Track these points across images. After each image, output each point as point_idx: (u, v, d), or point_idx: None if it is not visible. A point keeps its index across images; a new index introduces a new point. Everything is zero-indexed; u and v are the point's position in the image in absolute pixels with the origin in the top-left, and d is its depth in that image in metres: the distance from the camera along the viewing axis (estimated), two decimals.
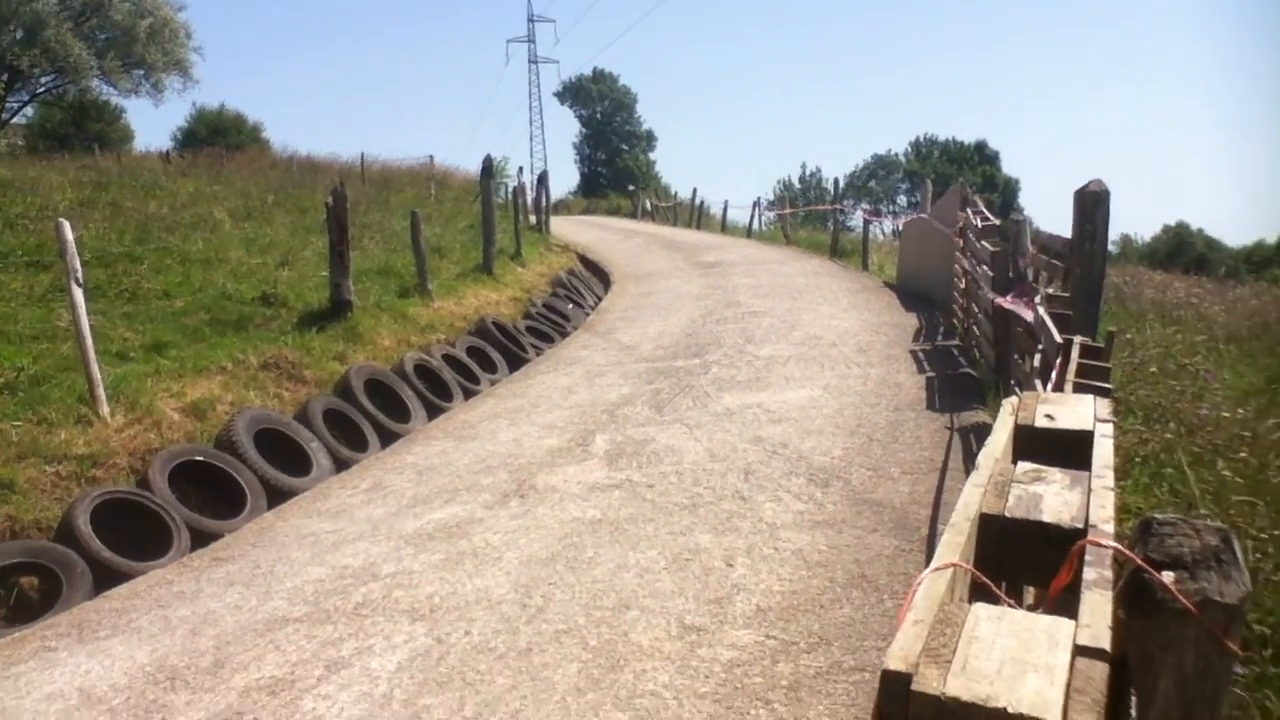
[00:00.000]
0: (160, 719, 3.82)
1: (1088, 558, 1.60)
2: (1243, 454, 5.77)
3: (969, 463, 6.44)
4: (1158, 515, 1.58)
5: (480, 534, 5.62)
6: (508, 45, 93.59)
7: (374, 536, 5.75)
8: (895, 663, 1.28)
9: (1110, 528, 1.75)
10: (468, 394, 10.06)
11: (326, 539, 5.81)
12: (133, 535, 6.16)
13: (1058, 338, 4.91)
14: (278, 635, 4.49)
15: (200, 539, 6.24)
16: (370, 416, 8.66)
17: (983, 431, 7.12)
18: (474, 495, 6.37)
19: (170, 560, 5.88)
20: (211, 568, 5.54)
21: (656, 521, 5.62)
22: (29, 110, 41.31)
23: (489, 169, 16.97)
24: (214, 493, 6.98)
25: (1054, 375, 4.23)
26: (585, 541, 5.38)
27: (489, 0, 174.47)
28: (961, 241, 10.82)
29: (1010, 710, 1.19)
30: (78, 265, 7.37)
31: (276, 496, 6.99)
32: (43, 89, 39.26)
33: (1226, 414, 6.67)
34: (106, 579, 5.60)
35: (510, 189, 25.50)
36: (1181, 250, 47.29)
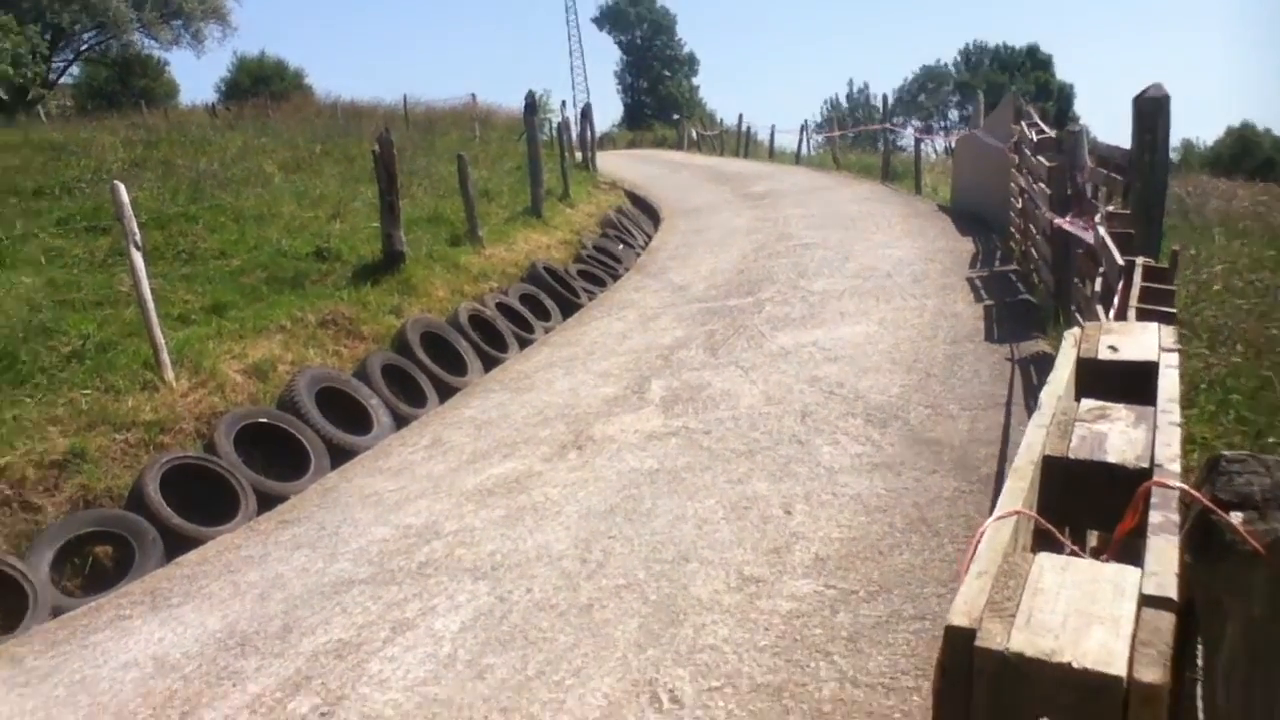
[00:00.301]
0: (232, 685, 3.94)
1: (1153, 500, 1.56)
2: None
3: (1029, 397, 6.35)
4: (1226, 453, 1.52)
5: (539, 488, 5.68)
6: None
7: (435, 494, 5.84)
8: (959, 618, 1.26)
9: (1176, 467, 1.70)
10: (522, 343, 10.10)
11: (389, 498, 5.91)
12: (201, 500, 6.32)
13: (1119, 260, 4.75)
14: (344, 598, 4.60)
15: (266, 502, 6.38)
16: (428, 371, 8.73)
17: (1043, 362, 7.01)
18: (532, 448, 6.43)
19: (238, 525, 6.03)
20: (278, 531, 5.67)
21: (714, 469, 5.63)
22: (75, 70, 41.81)
23: (532, 105, 16.81)
24: (278, 454, 7.11)
25: (1116, 301, 4.12)
26: (643, 493, 5.41)
27: None
28: (1017, 158, 10.55)
29: (1075, 665, 1.17)
30: (135, 228, 7.45)
31: (339, 456, 7.11)
32: (86, 46, 39.67)
33: None
34: (177, 545, 5.77)
35: (554, 125, 25.32)
36: (1248, 153, 45.71)
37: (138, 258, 7.41)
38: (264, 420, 7.16)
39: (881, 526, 4.68)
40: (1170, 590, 1.30)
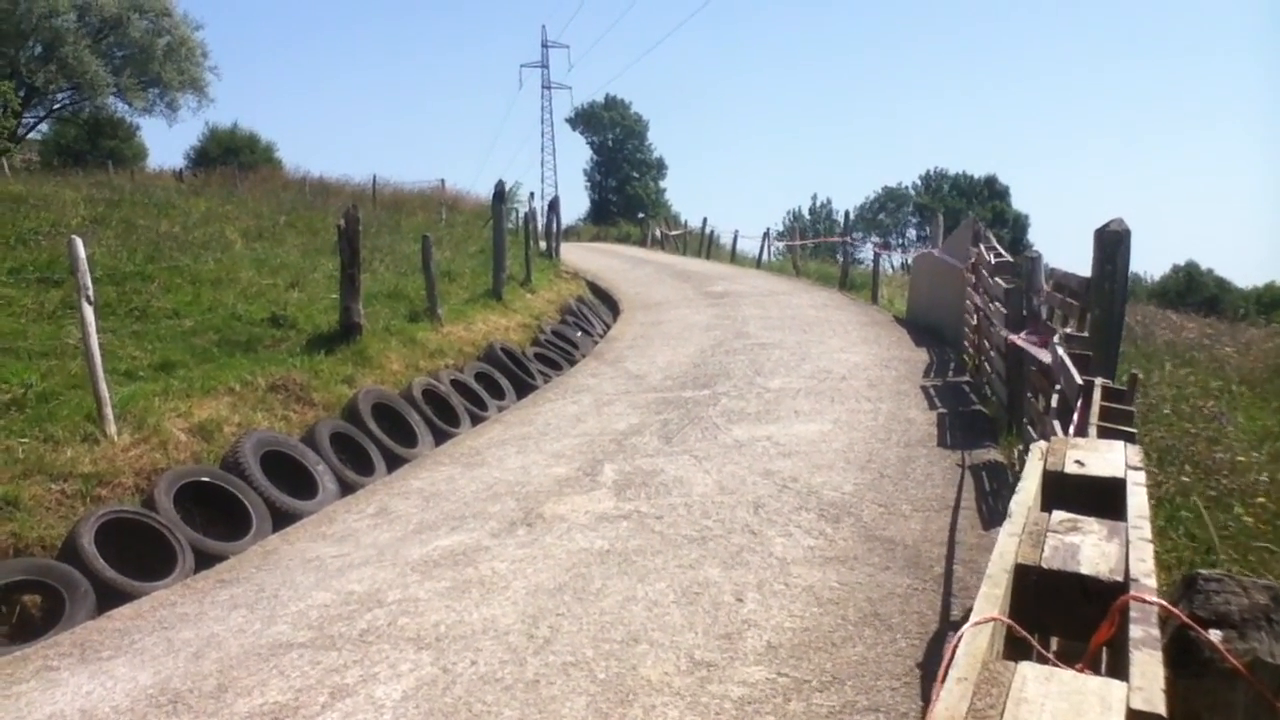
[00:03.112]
0: None
1: (1132, 614, 1.55)
2: (1260, 499, 5.71)
3: (981, 501, 6.39)
4: (1203, 571, 1.54)
5: (487, 562, 5.57)
6: (521, 70, 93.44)
7: (380, 562, 5.70)
8: None
9: (1152, 581, 1.70)
10: (475, 420, 10.01)
11: (332, 564, 5.76)
12: (137, 555, 6.12)
13: (1079, 379, 4.84)
14: (282, 660, 4.44)
15: (205, 560, 6.19)
16: (377, 441, 8.61)
17: (994, 470, 7.07)
18: (481, 523, 6.32)
19: (174, 581, 5.84)
20: (216, 590, 5.49)
21: (665, 554, 5.56)
22: (44, 126, 41.66)
23: (501, 194, 16.97)
24: (219, 514, 6.93)
25: (1075, 418, 4.17)
26: (593, 572, 5.32)
27: (503, 25, 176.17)
28: (974, 277, 10.78)
29: None
30: (89, 283, 7.35)
31: (282, 519, 6.94)
32: (59, 105, 39.61)
33: (1242, 458, 6.61)
34: (110, 599, 5.56)
35: (521, 215, 25.57)
36: (1192, 290, 47.30)
37: (89, 311, 7.29)
38: (206, 479, 6.98)
39: (834, 618, 4.63)
40: (1159, 706, 1.29)
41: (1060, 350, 5.79)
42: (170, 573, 6.01)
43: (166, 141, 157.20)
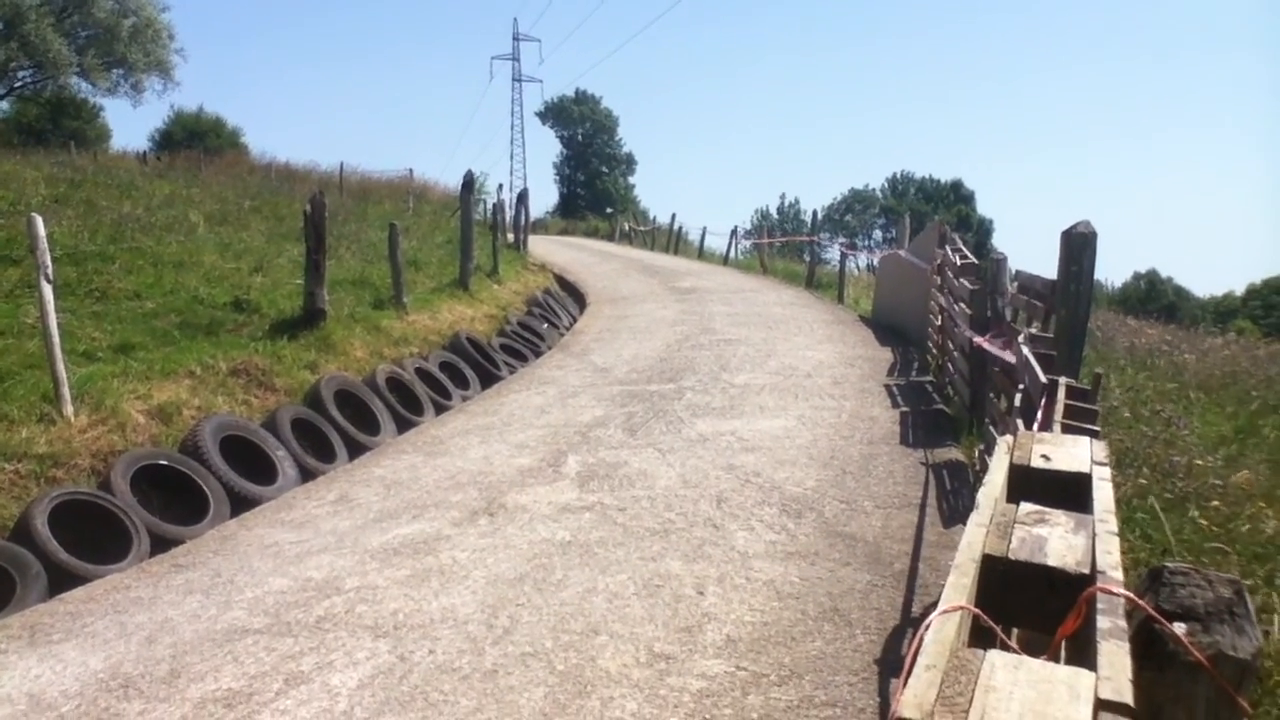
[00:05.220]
0: None
1: (1099, 605, 1.54)
2: (1215, 503, 5.78)
3: (942, 500, 6.42)
4: (1169, 564, 1.54)
5: (447, 551, 5.53)
6: (492, 62, 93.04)
7: (339, 549, 5.64)
8: (910, 710, 1.21)
9: (1119, 574, 1.70)
10: (439, 409, 9.95)
11: (290, 550, 5.69)
12: (91, 538, 6.01)
13: (1043, 378, 4.86)
14: (236, 646, 4.38)
15: (161, 544, 6.10)
16: (339, 428, 8.53)
17: (955, 468, 7.11)
18: (442, 512, 6.27)
19: (129, 565, 5.75)
20: (171, 574, 5.41)
21: (627, 546, 5.54)
22: (4, 104, 40.99)
23: (470, 184, 16.88)
24: (177, 498, 6.83)
25: (1040, 416, 4.19)
26: (554, 563, 5.30)
27: (475, 17, 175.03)
28: (939, 278, 10.84)
29: None
30: (48, 261, 7.23)
31: (240, 504, 6.86)
32: (20, 84, 38.94)
33: (1199, 461, 6.68)
34: (62, 581, 5.46)
35: (490, 206, 25.48)
36: (1152, 297, 48.04)
37: (47, 290, 7.17)
38: (164, 462, 6.88)
39: (794, 613, 4.63)
40: (1127, 696, 1.28)
41: (1025, 349, 5.83)
42: (125, 556, 5.92)
43: (130, 123, 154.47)
